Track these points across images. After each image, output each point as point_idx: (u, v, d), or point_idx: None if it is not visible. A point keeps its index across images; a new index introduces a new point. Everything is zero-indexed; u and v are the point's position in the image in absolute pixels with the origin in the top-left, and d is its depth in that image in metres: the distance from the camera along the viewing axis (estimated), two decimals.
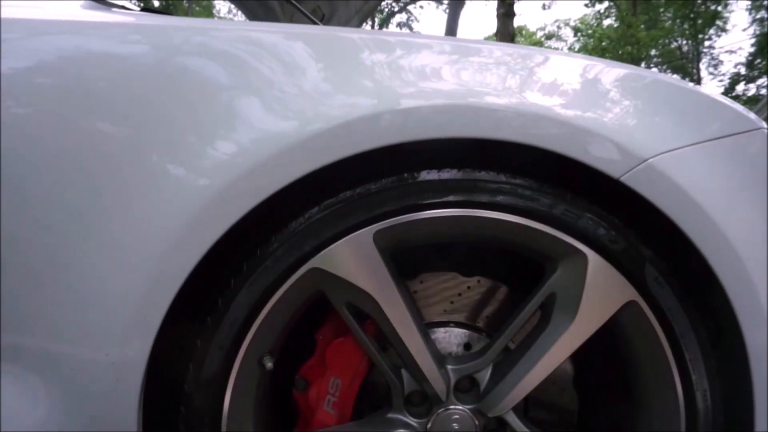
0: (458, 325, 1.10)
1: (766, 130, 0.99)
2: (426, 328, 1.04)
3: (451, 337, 1.10)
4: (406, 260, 1.07)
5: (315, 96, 0.89)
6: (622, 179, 0.91)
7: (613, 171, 0.91)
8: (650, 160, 0.91)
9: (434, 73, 0.93)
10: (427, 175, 0.94)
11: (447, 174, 0.93)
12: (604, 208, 0.95)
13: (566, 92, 0.94)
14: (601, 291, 0.95)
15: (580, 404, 1.17)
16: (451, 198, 0.92)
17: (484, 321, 1.11)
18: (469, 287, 1.10)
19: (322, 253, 0.92)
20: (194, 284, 0.93)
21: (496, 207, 0.93)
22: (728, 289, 0.93)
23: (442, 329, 1.10)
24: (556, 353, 0.96)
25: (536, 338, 0.98)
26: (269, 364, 0.96)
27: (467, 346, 1.11)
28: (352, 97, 0.90)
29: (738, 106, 1.01)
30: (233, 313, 0.92)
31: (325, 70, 0.92)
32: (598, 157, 0.90)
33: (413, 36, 1.14)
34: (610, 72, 1.00)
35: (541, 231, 0.93)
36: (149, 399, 0.95)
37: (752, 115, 1.00)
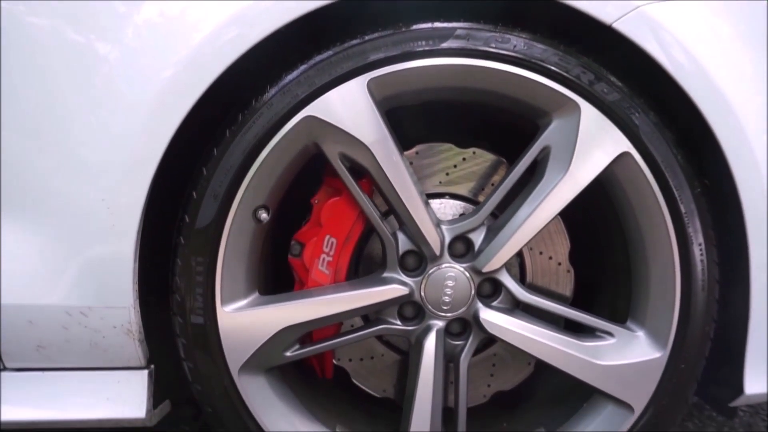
0: (454, 197, 1.10)
1: None
2: None
3: (446, 209, 1.10)
4: (402, 132, 1.07)
5: None
6: (614, 25, 0.91)
7: (606, 17, 0.91)
8: (643, 7, 0.91)
9: None
10: (422, 24, 0.94)
11: (441, 24, 0.94)
12: (597, 59, 0.96)
13: None
14: (594, 142, 0.95)
15: (575, 287, 1.17)
16: (444, 45, 0.92)
17: (480, 194, 1.11)
18: (464, 159, 1.10)
19: (316, 100, 0.92)
20: (190, 140, 0.94)
21: (490, 56, 0.93)
22: (721, 138, 0.93)
23: (437, 201, 1.10)
24: (550, 205, 0.96)
25: (530, 192, 0.98)
26: (264, 215, 0.96)
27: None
28: None
29: None
30: (228, 161, 0.93)
31: None
32: (591, 2, 0.91)
33: None
34: None
35: (535, 81, 0.94)
36: (144, 252, 0.96)
37: None
